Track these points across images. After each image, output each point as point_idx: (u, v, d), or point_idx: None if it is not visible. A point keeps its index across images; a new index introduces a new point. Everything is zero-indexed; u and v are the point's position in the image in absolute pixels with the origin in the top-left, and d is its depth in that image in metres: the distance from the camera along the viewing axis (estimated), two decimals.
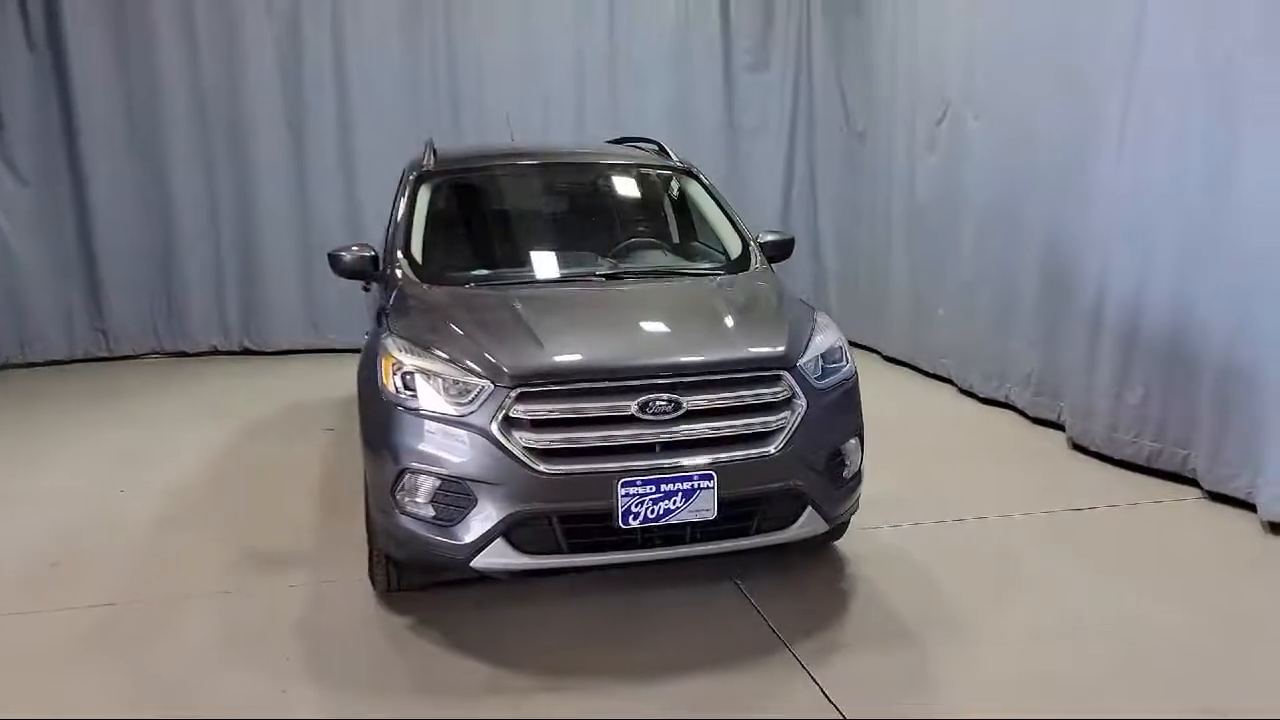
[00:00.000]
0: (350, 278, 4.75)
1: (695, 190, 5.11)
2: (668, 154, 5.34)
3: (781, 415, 3.62)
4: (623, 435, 3.48)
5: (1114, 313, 5.45)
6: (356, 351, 8.48)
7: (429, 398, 3.58)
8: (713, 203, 5.01)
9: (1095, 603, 3.97)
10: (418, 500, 3.58)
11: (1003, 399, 6.70)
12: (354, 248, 4.64)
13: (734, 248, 4.77)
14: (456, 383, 3.56)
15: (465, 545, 3.49)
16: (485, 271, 4.49)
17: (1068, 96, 5.86)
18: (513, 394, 3.47)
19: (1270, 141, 4.54)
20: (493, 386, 3.49)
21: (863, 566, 4.31)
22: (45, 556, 4.52)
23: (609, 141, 5.95)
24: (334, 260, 4.67)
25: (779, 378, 3.65)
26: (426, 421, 3.56)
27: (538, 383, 3.49)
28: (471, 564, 3.52)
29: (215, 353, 8.91)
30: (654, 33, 9.01)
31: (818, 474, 3.70)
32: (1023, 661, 3.55)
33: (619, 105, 8.99)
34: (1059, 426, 6.13)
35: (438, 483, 3.53)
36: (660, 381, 3.52)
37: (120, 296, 8.63)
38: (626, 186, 5.23)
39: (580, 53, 8.93)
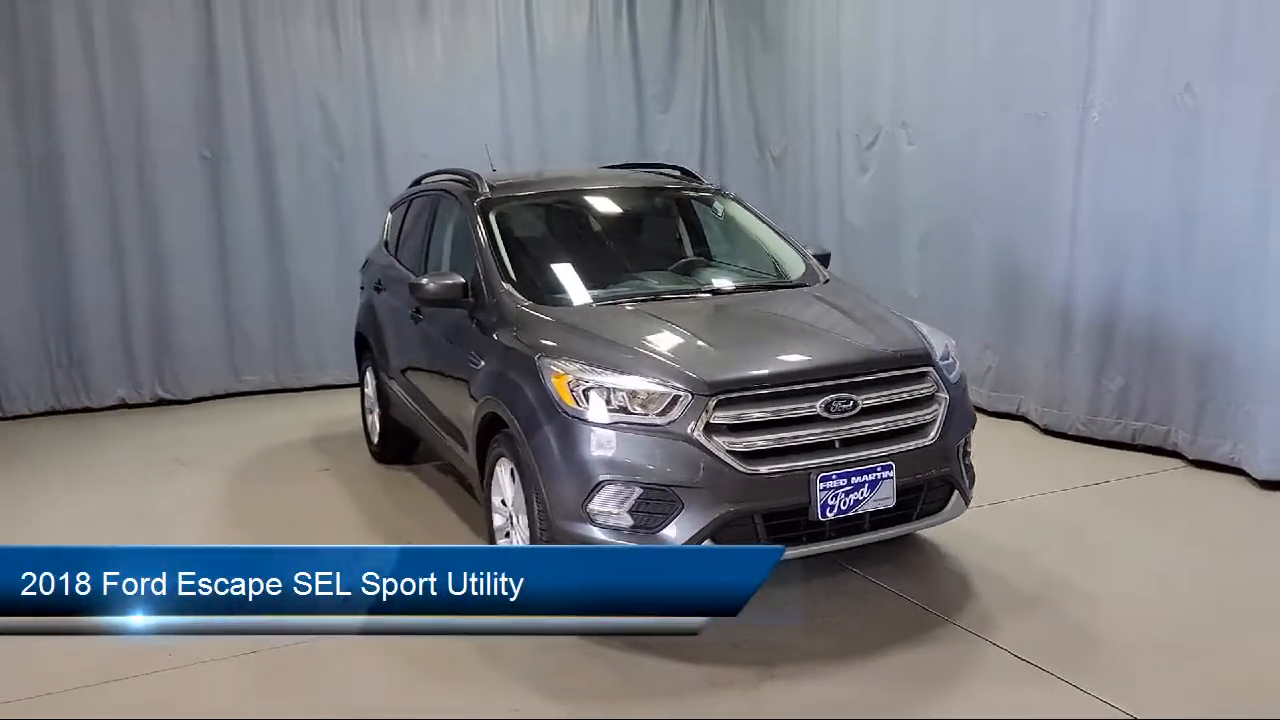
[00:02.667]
0: (436, 306, 4.74)
1: (737, 211, 5.41)
2: (697, 179, 5.63)
3: (932, 408, 3.98)
4: (813, 434, 3.73)
5: (1088, 315, 6.15)
6: (289, 391, 8.17)
7: (622, 412, 3.70)
8: (759, 221, 5.34)
9: (1165, 558, 4.56)
10: (615, 510, 3.68)
11: None
12: (437, 277, 4.65)
13: (792, 261, 5.09)
14: (650, 395, 3.70)
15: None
16: (599, 291, 4.61)
17: (1014, 123, 6.56)
18: (712, 402, 3.66)
19: (1231, 163, 5.34)
20: (691, 396, 3.66)
21: (952, 548, 4.70)
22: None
23: (626, 166, 6.18)
24: (416, 289, 4.67)
25: (927, 373, 4.01)
26: (624, 434, 3.68)
27: (735, 390, 3.69)
28: None
29: (124, 406, 8.31)
30: (571, 79, 9.22)
31: (957, 461, 4.08)
32: (1150, 611, 4.04)
33: (545, 143, 9.14)
34: (1019, 418, 6.82)
35: (639, 491, 3.65)
36: (840, 381, 3.80)
37: (10, 348, 7.88)
38: (676, 209, 5.47)
39: (504, 95, 9.02)
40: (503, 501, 4.30)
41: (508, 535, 4.30)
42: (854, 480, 3.72)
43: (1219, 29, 5.33)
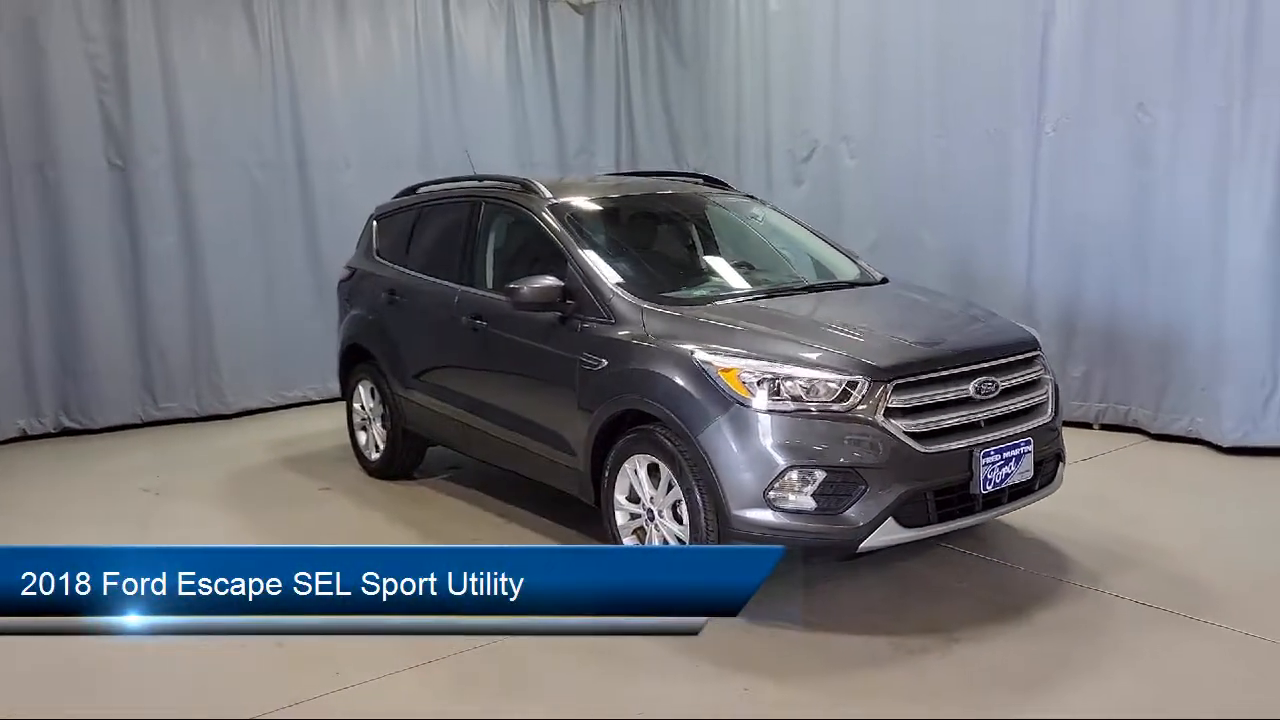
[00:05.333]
0: (530, 310, 4.72)
1: (777, 218, 5.68)
2: (730, 186, 5.89)
3: (1044, 390, 4.38)
4: (971, 414, 4.04)
5: (1048, 312, 6.80)
6: (217, 418, 7.64)
7: (798, 400, 3.88)
8: (799, 226, 5.63)
9: (1192, 514, 5.20)
10: (799, 494, 3.84)
11: None
12: (529, 281, 4.63)
13: (842, 261, 5.40)
14: (827, 383, 3.89)
15: (859, 528, 3.82)
16: (702, 289, 4.74)
17: (964, 138, 7.19)
18: (889, 386, 3.90)
19: (1185, 172, 6.13)
20: (869, 382, 3.89)
21: (1006, 521, 5.10)
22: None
23: (656, 174, 6.33)
24: (512, 293, 4.65)
25: (1037, 358, 4.42)
26: (806, 421, 3.86)
27: (906, 374, 3.95)
28: (862, 545, 3.87)
29: (25, 438, 7.52)
30: (490, 88, 9.19)
31: (1060, 437, 4.51)
32: (1220, 557, 4.58)
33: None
34: None
35: (824, 474, 3.84)
36: (984, 365, 4.13)
37: None
38: (728, 213, 5.66)
39: (423, 103, 8.85)
40: (628, 498, 4.36)
41: (635, 534, 4.36)
42: (1005, 455, 4.06)
43: (1170, 50, 6.10)
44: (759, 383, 3.92)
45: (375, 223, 6.41)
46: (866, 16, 7.75)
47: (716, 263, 5.24)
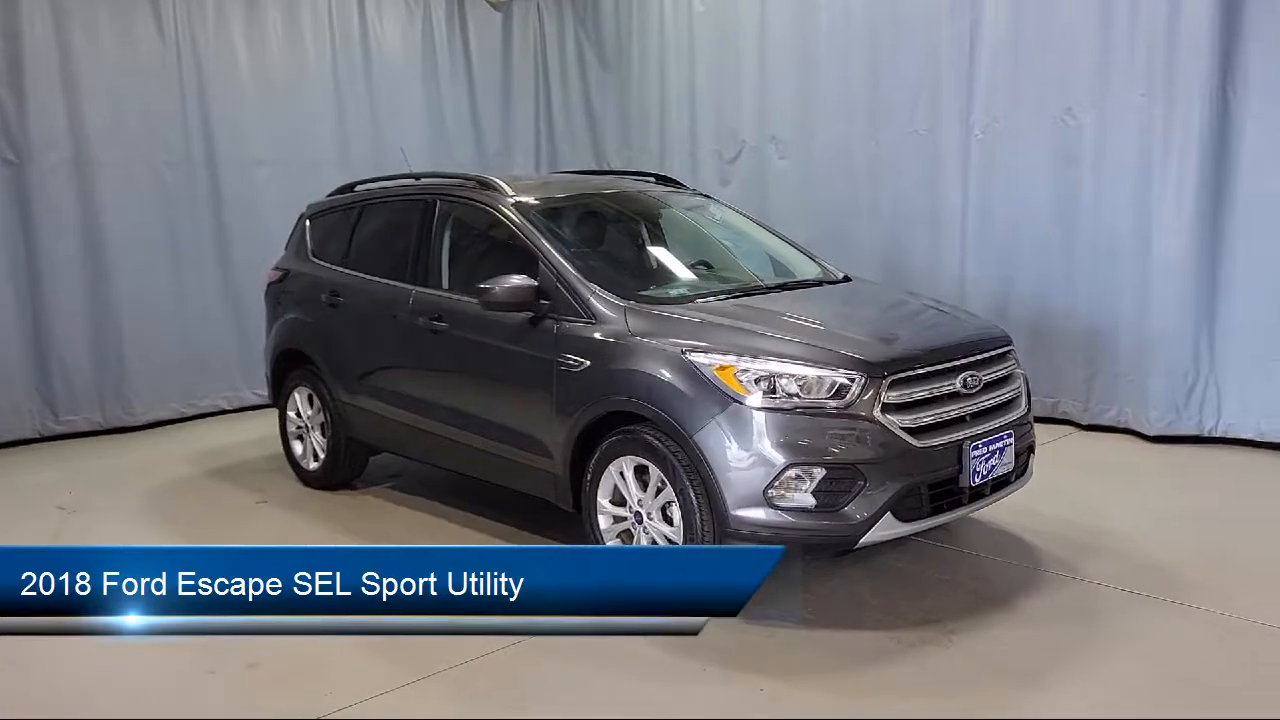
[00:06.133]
0: (504, 310, 4.57)
1: (735, 217, 5.66)
2: (684, 185, 5.85)
3: (1017, 384, 4.46)
4: (959, 408, 4.08)
5: (980, 306, 6.90)
6: (126, 430, 7.22)
7: (794, 398, 3.85)
8: (759, 226, 5.62)
9: (1136, 499, 5.42)
10: (798, 492, 3.81)
11: None
12: (501, 281, 4.49)
13: (802, 260, 5.40)
14: (822, 379, 3.88)
15: (858, 523, 3.81)
16: (679, 290, 4.67)
17: (894, 140, 7.33)
18: (885, 382, 3.91)
19: (1111, 172, 6.38)
20: (865, 378, 3.88)
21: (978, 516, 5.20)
22: None
23: (608, 173, 6.21)
24: (483, 293, 4.51)
25: (1011, 353, 4.51)
26: (804, 418, 3.83)
27: (901, 370, 3.96)
28: (861, 540, 3.87)
29: None
30: (407, 84, 8.95)
31: (1032, 430, 4.60)
32: (1178, 541, 4.76)
33: (383, 152, 8.71)
34: None
35: (824, 472, 3.81)
36: (969, 360, 4.18)
37: None
38: (688, 213, 5.59)
39: (340, 100, 8.54)
40: (611, 501, 4.27)
41: (620, 537, 4.27)
42: (991, 448, 4.12)
43: (1094, 53, 6.35)
44: (756, 381, 3.88)
45: (308, 222, 6.13)
46: (793, 19, 7.83)
47: (687, 262, 5.17)
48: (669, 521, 4.08)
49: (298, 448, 6.03)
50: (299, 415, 5.98)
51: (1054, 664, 3.68)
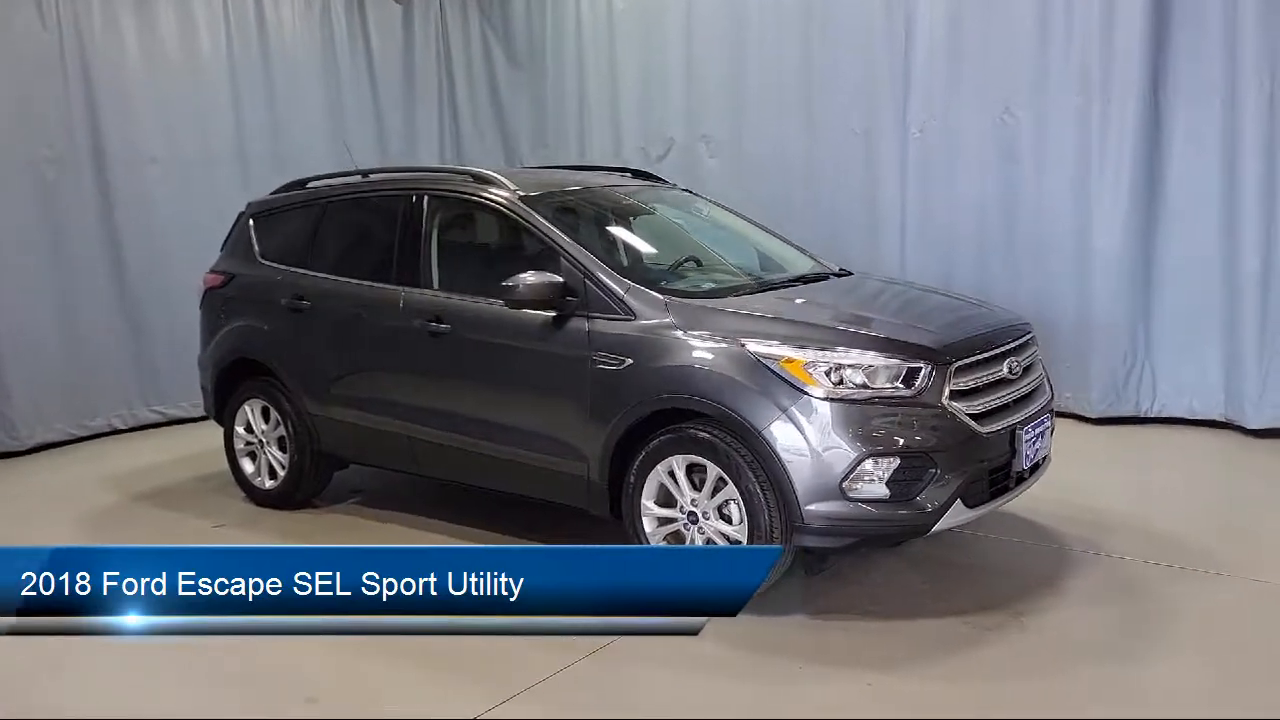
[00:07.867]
0: (530, 308, 4.33)
1: (723, 213, 5.57)
2: (663, 180, 5.72)
3: (1040, 370, 4.57)
4: (1010, 394, 4.13)
5: None
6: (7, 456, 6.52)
7: (863, 388, 3.80)
8: (748, 223, 5.55)
9: (1120, 478, 5.68)
10: (872, 483, 3.75)
11: None
12: (526, 278, 4.26)
13: (797, 256, 5.36)
14: (890, 368, 3.84)
15: (931, 512, 3.79)
16: (708, 284, 4.56)
17: (829, 138, 7.41)
18: (951, 369, 3.90)
19: (1050, 168, 6.64)
20: (932, 366, 3.87)
21: None
22: None
23: (585, 168, 6.00)
24: (508, 292, 4.27)
25: (1034, 338, 4.60)
26: (877, 408, 3.78)
27: (964, 357, 3.96)
28: (933, 529, 3.85)
29: None
30: (306, 78, 8.39)
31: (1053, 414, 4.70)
32: (1182, 513, 4.99)
33: (281, 146, 8.20)
34: None
35: (898, 461, 3.77)
36: (1010, 346, 4.23)
37: None
38: (681, 209, 5.45)
39: (236, 94, 7.95)
40: (657, 503, 4.10)
41: (668, 538, 4.11)
42: (1036, 432, 4.19)
43: (1031, 52, 6.59)
44: (826, 372, 3.80)
45: (253, 221, 5.65)
46: (722, 16, 7.81)
47: (701, 255, 5.03)
48: (727, 520, 3.94)
49: (248, 466, 5.53)
50: (249, 431, 5.49)
51: (1136, 639, 3.76)
